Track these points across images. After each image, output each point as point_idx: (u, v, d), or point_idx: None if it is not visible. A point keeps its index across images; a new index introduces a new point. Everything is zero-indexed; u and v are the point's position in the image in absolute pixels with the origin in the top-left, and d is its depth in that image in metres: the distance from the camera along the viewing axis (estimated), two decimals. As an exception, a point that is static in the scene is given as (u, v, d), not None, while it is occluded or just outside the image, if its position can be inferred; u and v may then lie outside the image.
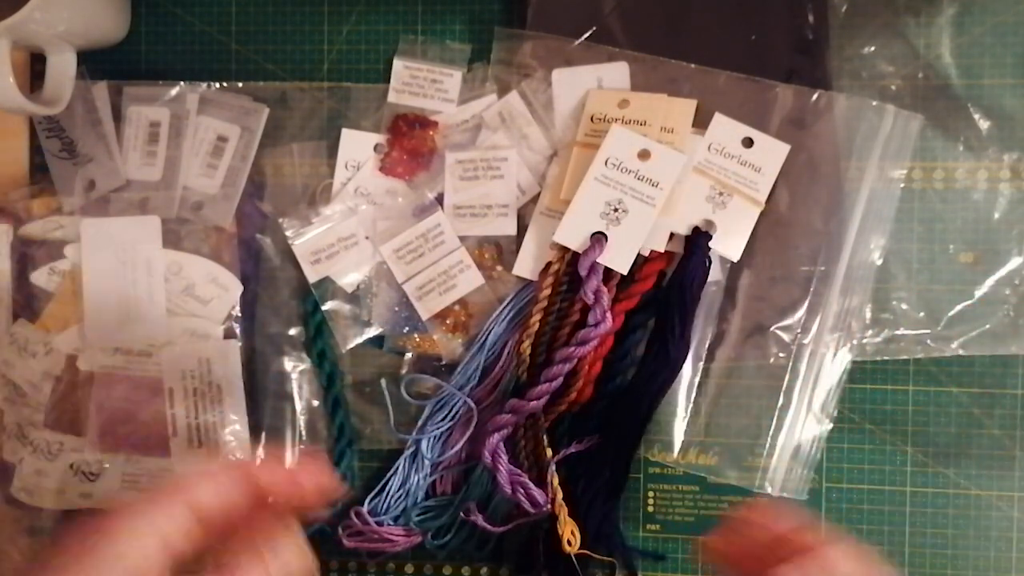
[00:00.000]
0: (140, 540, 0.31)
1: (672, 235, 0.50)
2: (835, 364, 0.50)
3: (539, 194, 0.52)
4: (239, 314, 0.53)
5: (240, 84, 0.54)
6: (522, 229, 0.52)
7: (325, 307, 0.53)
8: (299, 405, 0.54)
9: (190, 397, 0.53)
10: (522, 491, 0.48)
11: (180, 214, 0.53)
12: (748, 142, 0.50)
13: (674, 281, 0.50)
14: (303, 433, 0.54)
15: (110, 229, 0.53)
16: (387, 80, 0.53)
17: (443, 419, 0.52)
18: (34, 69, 0.55)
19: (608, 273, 0.49)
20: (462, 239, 0.52)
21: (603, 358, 0.50)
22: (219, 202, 0.53)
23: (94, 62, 0.54)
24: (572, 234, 0.49)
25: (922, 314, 0.50)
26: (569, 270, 0.50)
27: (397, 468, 0.53)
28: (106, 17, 0.53)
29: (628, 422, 0.50)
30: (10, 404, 0.54)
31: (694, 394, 0.51)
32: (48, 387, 0.53)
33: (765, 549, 0.36)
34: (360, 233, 0.53)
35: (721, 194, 0.50)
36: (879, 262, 0.50)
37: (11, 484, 0.54)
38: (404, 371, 0.53)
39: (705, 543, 0.40)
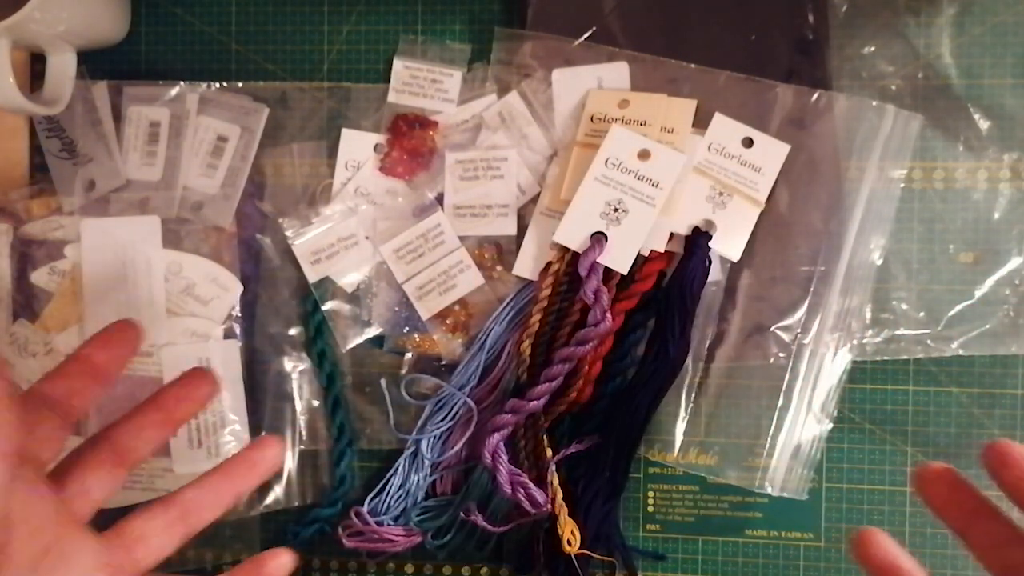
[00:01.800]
0: None
1: (672, 235, 0.50)
2: (835, 364, 0.50)
3: (539, 194, 0.52)
4: (239, 314, 0.53)
5: (240, 84, 0.54)
6: (522, 229, 0.52)
7: (325, 307, 0.53)
8: (299, 405, 0.54)
9: (190, 397, 0.53)
10: (522, 491, 0.48)
11: (180, 214, 0.53)
12: (748, 142, 0.50)
13: (674, 281, 0.50)
14: (303, 433, 0.54)
15: (110, 229, 0.53)
16: (387, 80, 0.53)
17: (443, 419, 0.52)
18: (34, 69, 0.55)
19: (608, 273, 0.49)
20: (462, 239, 0.52)
21: (603, 358, 0.50)
22: (219, 202, 0.53)
23: (94, 62, 0.54)
24: (572, 234, 0.49)
25: (922, 314, 0.50)
26: (569, 270, 0.50)
27: (397, 468, 0.53)
28: (106, 17, 0.53)
29: (628, 422, 0.50)
30: (10, 404, 0.54)
31: (694, 394, 0.51)
32: (48, 387, 0.53)
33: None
34: (360, 233, 0.53)
35: (721, 194, 0.50)
36: (879, 262, 0.50)
37: (11, 484, 0.54)
38: (404, 371, 0.53)
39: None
